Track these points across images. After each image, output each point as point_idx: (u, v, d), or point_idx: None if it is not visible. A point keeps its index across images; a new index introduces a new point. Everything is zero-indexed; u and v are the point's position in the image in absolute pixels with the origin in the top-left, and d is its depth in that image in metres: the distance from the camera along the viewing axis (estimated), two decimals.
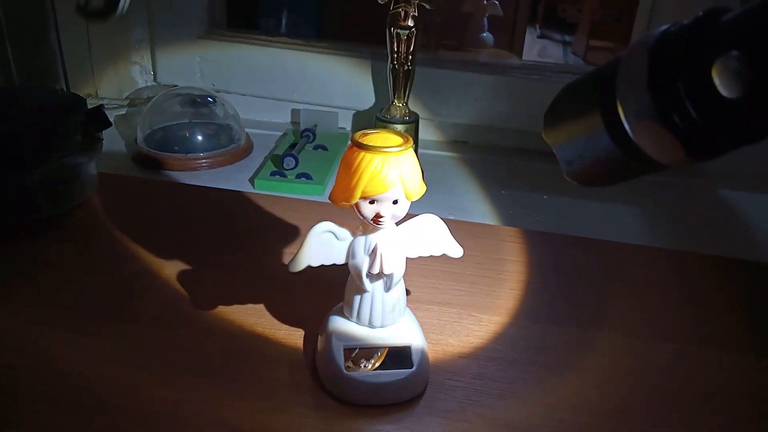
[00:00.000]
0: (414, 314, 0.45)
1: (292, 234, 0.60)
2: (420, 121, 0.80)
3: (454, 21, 1.26)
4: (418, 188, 0.38)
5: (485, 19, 1.28)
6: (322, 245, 0.40)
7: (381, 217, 0.38)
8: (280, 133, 0.88)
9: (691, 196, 0.76)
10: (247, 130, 0.86)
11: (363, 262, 0.40)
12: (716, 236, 0.68)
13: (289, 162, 0.75)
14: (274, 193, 0.71)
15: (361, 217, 0.38)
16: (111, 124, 0.57)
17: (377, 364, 0.42)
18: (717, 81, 0.23)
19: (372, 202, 0.37)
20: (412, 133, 0.77)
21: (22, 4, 0.72)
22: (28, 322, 0.47)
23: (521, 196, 0.74)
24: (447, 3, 1.17)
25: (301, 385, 0.42)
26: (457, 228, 0.62)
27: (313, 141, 0.83)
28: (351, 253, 0.40)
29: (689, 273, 0.58)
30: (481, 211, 0.71)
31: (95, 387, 0.41)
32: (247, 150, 0.83)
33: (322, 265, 0.41)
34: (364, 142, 0.37)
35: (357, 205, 0.38)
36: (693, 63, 0.24)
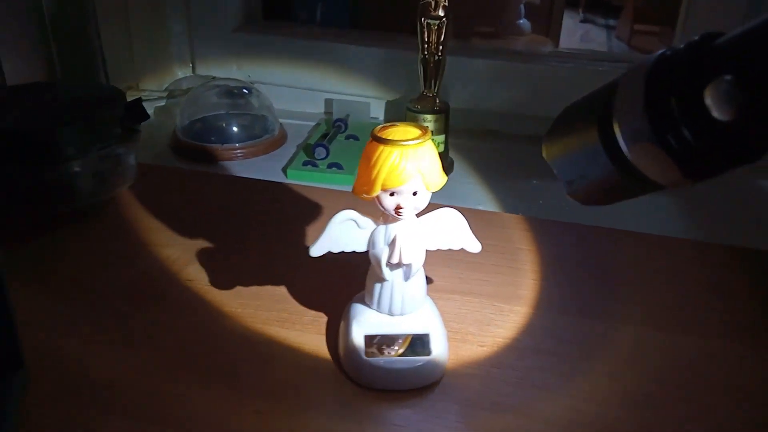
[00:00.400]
0: (435, 303, 0.46)
1: (322, 223, 0.60)
2: (452, 110, 0.80)
3: (490, 8, 1.25)
4: (438, 180, 0.39)
5: (522, 6, 1.27)
6: (343, 232, 0.41)
7: (401, 208, 0.39)
8: (314, 123, 0.90)
9: (726, 186, 0.74)
10: (281, 120, 0.88)
11: (383, 251, 0.41)
12: (750, 228, 0.67)
13: (320, 152, 0.77)
14: (306, 183, 0.73)
15: (383, 209, 0.39)
16: (148, 117, 0.60)
17: (401, 351, 0.43)
18: (710, 104, 0.23)
19: (392, 194, 0.38)
20: (443, 123, 0.78)
21: (65, 0, 0.76)
22: (65, 306, 0.49)
23: (551, 186, 0.74)
24: None
25: (322, 370, 0.43)
26: (483, 218, 0.62)
27: (344, 131, 0.84)
28: (371, 242, 0.41)
29: (715, 265, 0.57)
30: (511, 202, 0.71)
31: (121, 366, 0.44)
32: (281, 140, 0.85)
33: (342, 251, 0.42)
34: (383, 136, 0.38)
35: (378, 197, 0.39)
36: (687, 86, 0.24)
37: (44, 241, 0.58)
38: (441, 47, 0.75)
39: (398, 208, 0.39)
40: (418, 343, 0.43)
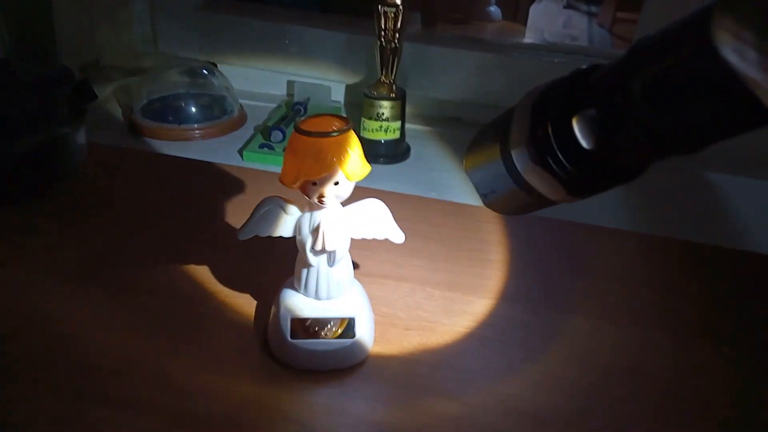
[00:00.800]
0: (363, 287, 0.48)
1: None
2: (413, 96, 0.81)
3: None
4: (359, 170, 0.40)
5: None
6: (270, 218, 0.43)
7: (324, 197, 0.40)
8: (275, 105, 0.90)
9: (678, 180, 0.76)
10: (244, 101, 0.88)
11: (307, 238, 0.42)
12: (699, 221, 0.69)
13: (276, 135, 0.78)
14: (262, 165, 0.74)
15: (307, 198, 0.41)
16: (97, 97, 0.60)
17: (339, 332, 0.45)
18: (576, 133, 0.26)
19: (314, 183, 0.40)
20: (399, 109, 0.79)
21: None
22: (15, 284, 0.51)
23: None
24: None
25: (251, 351, 0.45)
26: (432, 206, 0.64)
27: (303, 114, 0.85)
28: (297, 229, 0.43)
29: (661, 258, 0.60)
30: (465, 190, 0.72)
31: (53, 342, 0.45)
32: (240, 121, 0.85)
33: (270, 236, 0.43)
34: (305, 128, 0.39)
35: (302, 186, 0.40)
36: (561, 115, 0.27)
37: None
38: (397, 35, 0.76)
39: (321, 197, 0.40)
40: (345, 326, 0.44)
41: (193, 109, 0.83)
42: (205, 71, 0.86)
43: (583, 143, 0.26)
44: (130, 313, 0.48)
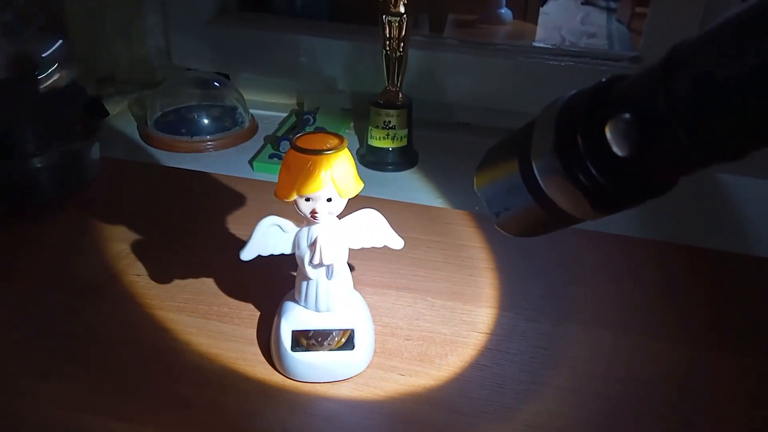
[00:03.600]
0: (363, 298, 0.49)
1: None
2: (421, 102, 0.81)
3: None
4: (352, 187, 0.41)
5: None
6: (269, 237, 0.44)
7: (316, 213, 0.41)
8: (285, 115, 0.92)
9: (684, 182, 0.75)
10: (255, 111, 0.90)
11: (306, 252, 0.43)
12: (707, 226, 0.68)
13: (285, 145, 0.79)
14: (272, 176, 0.75)
15: (300, 213, 0.42)
16: (108, 114, 0.62)
17: (339, 343, 0.46)
18: (610, 139, 0.25)
19: (308, 199, 0.41)
20: (405, 117, 0.79)
21: None
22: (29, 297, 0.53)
23: None
24: None
25: (253, 362, 0.46)
26: (436, 214, 0.64)
27: (313, 124, 0.86)
28: (296, 244, 0.44)
29: (667, 264, 0.59)
30: (471, 197, 0.71)
31: (57, 358, 0.47)
32: (252, 132, 0.87)
33: (272, 254, 0.44)
34: (300, 145, 0.40)
35: (295, 201, 0.41)
36: (591, 123, 0.26)
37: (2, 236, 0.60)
38: (402, 43, 0.77)
39: (313, 212, 0.41)
40: (344, 338, 0.45)
41: (206, 121, 0.84)
42: (216, 83, 0.87)
43: (617, 150, 0.25)
44: (130, 321, 0.50)
